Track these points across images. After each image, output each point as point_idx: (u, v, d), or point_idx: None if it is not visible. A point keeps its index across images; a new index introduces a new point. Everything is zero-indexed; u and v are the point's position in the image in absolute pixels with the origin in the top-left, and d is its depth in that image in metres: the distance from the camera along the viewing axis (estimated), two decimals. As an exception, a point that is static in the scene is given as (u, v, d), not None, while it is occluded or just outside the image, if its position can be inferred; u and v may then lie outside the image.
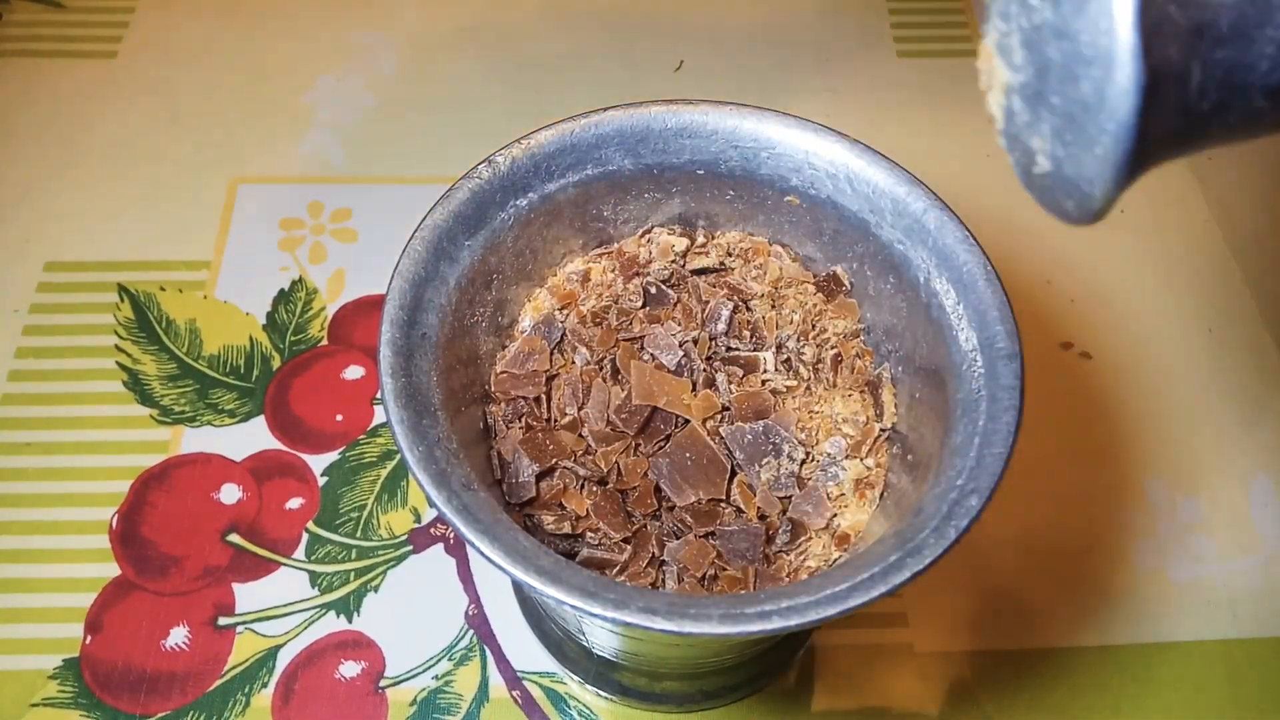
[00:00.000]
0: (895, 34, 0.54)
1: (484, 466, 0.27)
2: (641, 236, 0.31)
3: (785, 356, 0.29)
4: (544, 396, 0.28)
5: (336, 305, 0.43)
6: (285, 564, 0.37)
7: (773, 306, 0.30)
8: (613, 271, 0.30)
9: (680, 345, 0.28)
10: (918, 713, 0.35)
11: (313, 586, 0.37)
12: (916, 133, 0.50)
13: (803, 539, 0.26)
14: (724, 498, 0.27)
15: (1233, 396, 0.42)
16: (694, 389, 0.28)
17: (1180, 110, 0.14)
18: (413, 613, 0.36)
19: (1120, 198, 0.15)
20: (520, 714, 0.34)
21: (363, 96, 0.50)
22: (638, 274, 0.30)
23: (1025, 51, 0.16)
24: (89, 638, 0.35)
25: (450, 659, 0.35)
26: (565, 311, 0.30)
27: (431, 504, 0.23)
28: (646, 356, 0.28)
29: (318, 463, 0.39)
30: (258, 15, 0.54)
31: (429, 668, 0.35)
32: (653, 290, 0.29)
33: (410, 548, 0.38)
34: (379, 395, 0.33)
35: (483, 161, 0.28)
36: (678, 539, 0.26)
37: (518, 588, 0.37)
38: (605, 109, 0.29)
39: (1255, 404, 0.42)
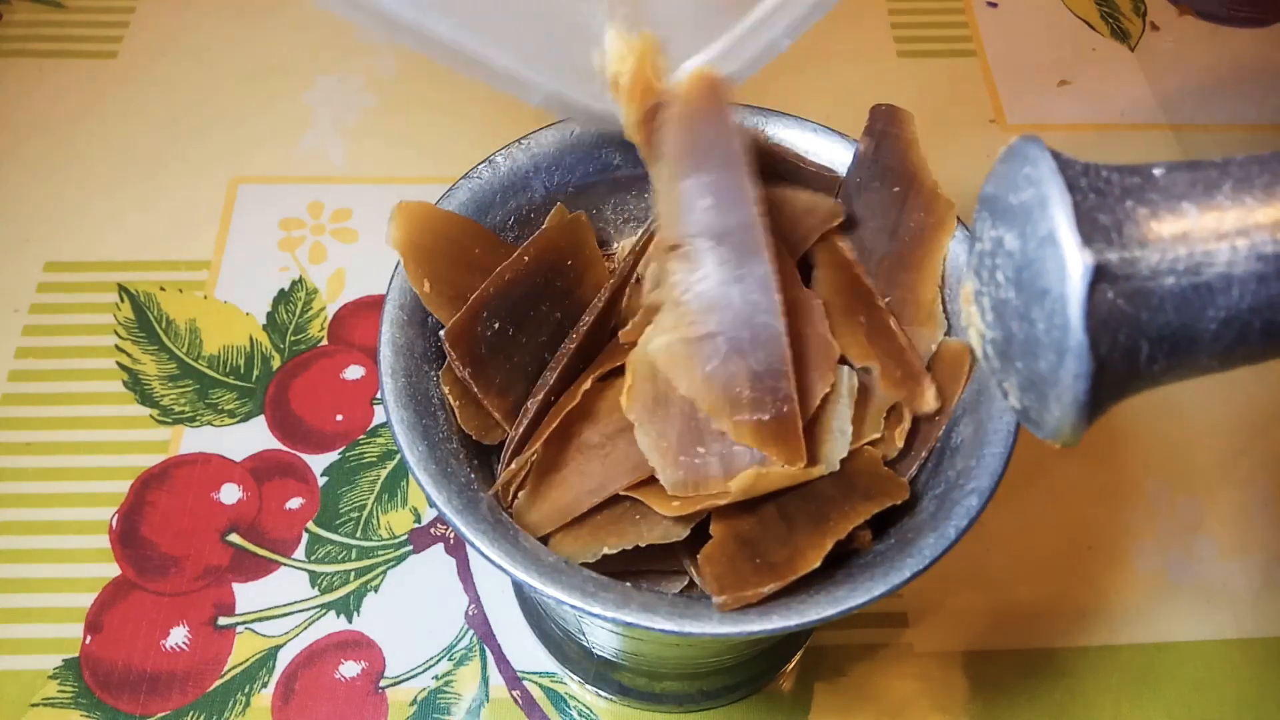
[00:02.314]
0: (895, 34, 0.54)
1: (484, 466, 0.27)
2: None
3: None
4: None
5: (336, 305, 0.43)
6: (285, 564, 0.37)
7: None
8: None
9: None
10: (917, 713, 0.35)
11: (313, 586, 0.37)
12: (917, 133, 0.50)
13: None
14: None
15: (1232, 396, 0.42)
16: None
17: (1131, 375, 0.16)
18: (413, 613, 0.36)
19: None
20: (520, 714, 0.34)
21: (363, 96, 0.50)
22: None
23: (994, 315, 0.18)
24: (89, 638, 0.35)
25: (450, 659, 0.35)
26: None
27: (431, 504, 0.23)
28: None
29: (318, 463, 0.39)
30: (258, 15, 0.54)
31: (429, 668, 0.35)
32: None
33: (410, 548, 0.38)
34: (379, 395, 0.33)
35: (483, 161, 0.28)
36: None
37: (518, 588, 0.37)
38: (605, 109, 0.29)
39: (1255, 404, 0.42)
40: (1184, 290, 0.16)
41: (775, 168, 0.29)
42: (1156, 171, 0.16)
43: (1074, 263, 0.15)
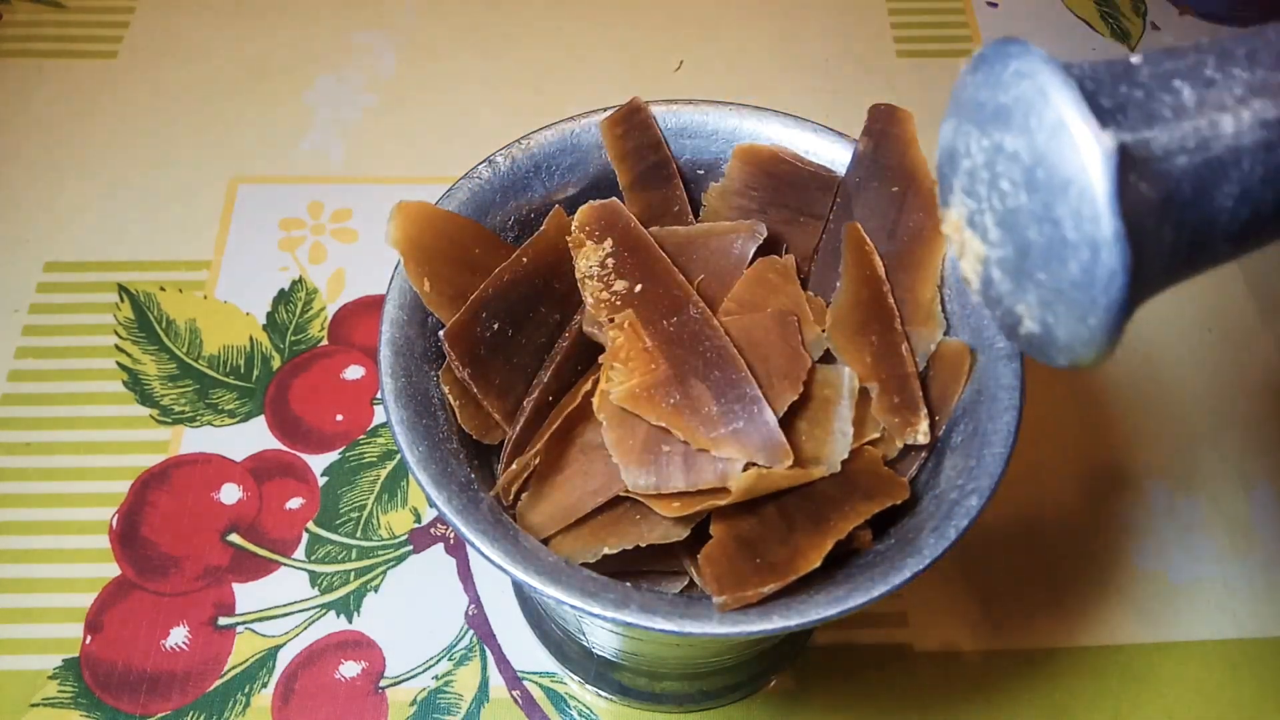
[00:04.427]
0: (895, 34, 0.54)
1: (484, 466, 0.27)
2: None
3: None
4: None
5: (336, 305, 0.43)
6: (285, 564, 0.37)
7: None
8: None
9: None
10: (917, 713, 0.35)
11: (313, 586, 0.37)
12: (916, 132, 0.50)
13: None
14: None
15: (1232, 397, 0.42)
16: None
17: (1159, 269, 0.15)
18: (413, 613, 0.36)
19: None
20: (520, 714, 0.34)
21: (363, 96, 0.50)
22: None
23: (1001, 230, 0.17)
24: (89, 638, 0.35)
25: (450, 659, 0.35)
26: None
27: (431, 504, 0.23)
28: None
29: (318, 463, 0.39)
30: (258, 15, 0.54)
31: (429, 668, 0.35)
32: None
33: (410, 548, 0.38)
34: (379, 395, 0.33)
35: (483, 161, 0.28)
36: None
37: (518, 588, 0.37)
38: (606, 108, 0.29)
39: (1255, 404, 0.42)
40: (1197, 168, 0.15)
41: (774, 168, 0.29)
42: (1135, 59, 0.16)
43: (1096, 146, 0.14)
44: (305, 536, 0.38)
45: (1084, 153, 0.14)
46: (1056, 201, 0.15)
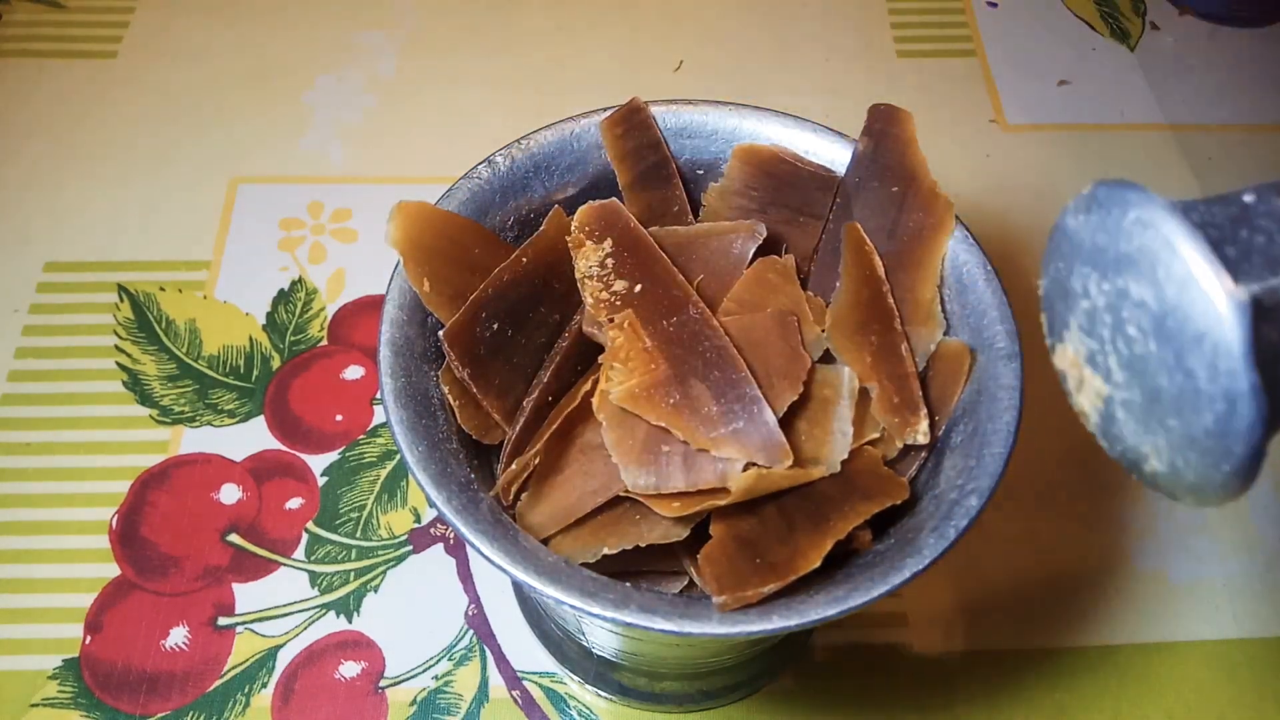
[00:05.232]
0: (895, 34, 0.54)
1: (484, 466, 0.27)
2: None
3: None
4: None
5: (336, 305, 0.43)
6: (285, 564, 0.37)
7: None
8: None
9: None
10: (917, 713, 0.35)
11: (313, 586, 0.37)
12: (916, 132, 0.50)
13: None
14: None
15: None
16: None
17: None
18: (412, 613, 0.36)
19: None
20: (520, 714, 0.34)
21: (363, 96, 0.50)
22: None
23: (1128, 374, 0.16)
24: (89, 638, 0.35)
25: (450, 659, 0.35)
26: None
27: (431, 504, 0.23)
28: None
29: (318, 463, 0.39)
30: (258, 15, 0.54)
31: (429, 668, 0.35)
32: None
33: (410, 548, 0.38)
34: (379, 395, 0.33)
35: (483, 161, 0.28)
36: None
37: (518, 588, 0.37)
38: (605, 108, 0.29)
39: (1255, 404, 0.42)
40: None
41: (774, 168, 0.29)
42: (1248, 198, 0.16)
43: (1228, 301, 0.14)
44: (305, 536, 0.38)
45: (1217, 307, 0.14)
46: (1189, 353, 0.15)
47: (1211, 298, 0.14)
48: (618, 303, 0.25)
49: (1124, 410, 0.17)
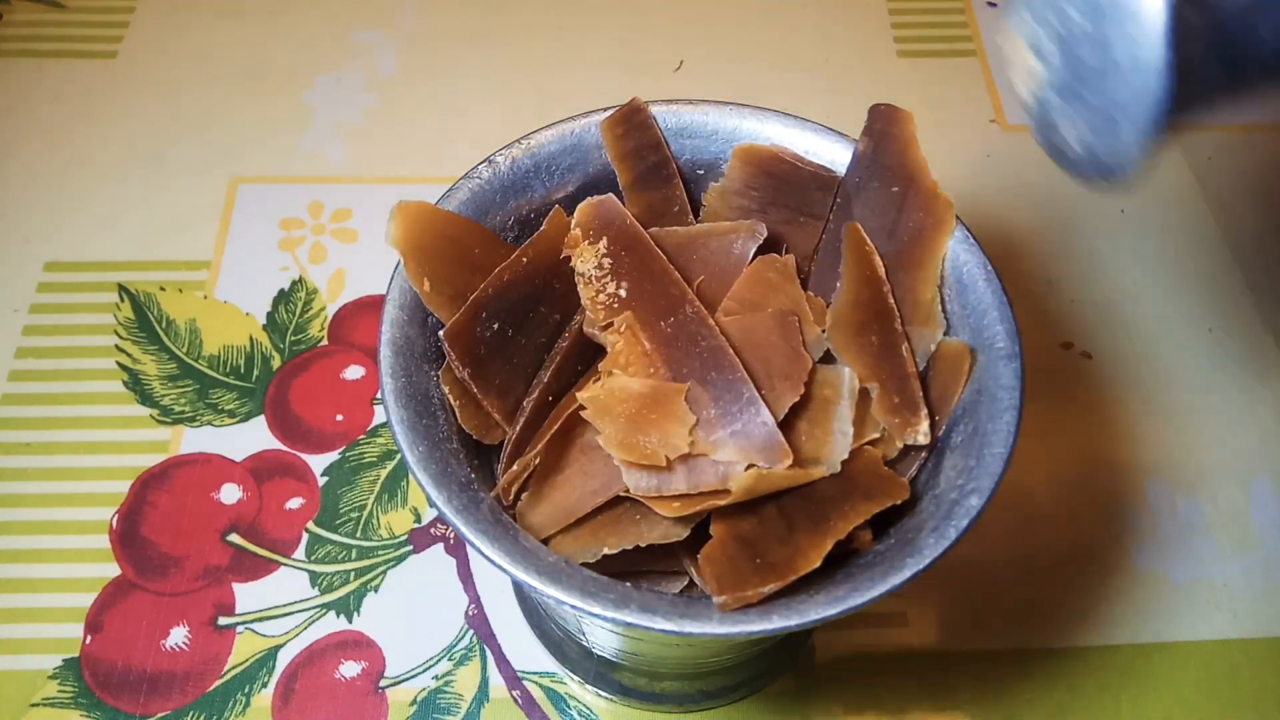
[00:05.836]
0: (895, 34, 0.54)
1: (484, 466, 0.27)
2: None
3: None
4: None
5: (336, 305, 0.43)
6: (285, 564, 0.37)
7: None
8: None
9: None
10: (917, 713, 0.35)
11: (313, 586, 0.37)
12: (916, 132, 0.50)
13: None
14: None
15: (1233, 396, 0.42)
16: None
17: (1197, 99, 0.17)
18: (413, 613, 0.36)
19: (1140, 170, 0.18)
20: (520, 714, 0.34)
21: (362, 96, 0.50)
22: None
23: (1060, 52, 0.19)
24: (89, 638, 0.35)
25: (450, 659, 0.35)
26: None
27: (431, 504, 0.23)
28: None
29: (318, 463, 0.39)
30: (258, 15, 0.54)
31: (429, 668, 0.35)
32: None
33: (410, 548, 0.38)
34: (379, 395, 0.33)
35: (483, 161, 0.28)
36: None
37: (518, 588, 0.37)
38: (606, 108, 0.29)
39: (1256, 404, 0.42)
40: (1244, 4, 0.16)
41: (774, 168, 0.29)
42: None
43: None
44: (305, 536, 0.38)
45: None
46: (1116, 28, 0.17)
47: None
48: (615, 304, 0.25)
49: (1054, 90, 0.19)
